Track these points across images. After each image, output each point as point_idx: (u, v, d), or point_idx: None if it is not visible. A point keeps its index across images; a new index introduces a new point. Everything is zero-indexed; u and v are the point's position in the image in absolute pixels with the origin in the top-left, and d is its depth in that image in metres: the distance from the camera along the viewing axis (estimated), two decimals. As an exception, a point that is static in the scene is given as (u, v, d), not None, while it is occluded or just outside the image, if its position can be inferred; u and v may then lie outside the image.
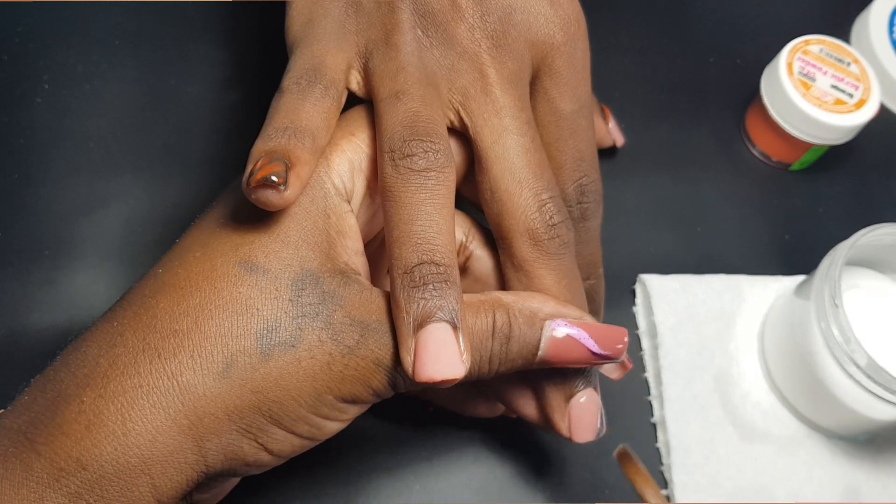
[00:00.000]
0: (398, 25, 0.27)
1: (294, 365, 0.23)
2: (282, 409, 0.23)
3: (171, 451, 0.22)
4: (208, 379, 0.22)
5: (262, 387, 0.23)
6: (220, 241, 0.25)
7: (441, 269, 0.24)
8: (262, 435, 0.23)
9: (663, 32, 0.46)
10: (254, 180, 0.23)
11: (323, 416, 0.24)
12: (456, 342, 0.23)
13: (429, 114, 0.25)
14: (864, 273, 0.37)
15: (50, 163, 0.38)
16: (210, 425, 0.22)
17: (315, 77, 0.26)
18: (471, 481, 0.34)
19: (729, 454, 0.35)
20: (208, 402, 0.22)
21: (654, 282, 0.38)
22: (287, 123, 0.25)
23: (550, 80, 0.28)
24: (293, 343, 0.23)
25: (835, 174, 0.43)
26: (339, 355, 0.23)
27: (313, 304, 0.24)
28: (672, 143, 0.43)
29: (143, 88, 0.40)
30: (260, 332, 0.23)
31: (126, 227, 0.37)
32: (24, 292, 0.35)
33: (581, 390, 0.27)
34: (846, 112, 0.39)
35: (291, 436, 0.24)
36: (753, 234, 0.41)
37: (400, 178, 0.24)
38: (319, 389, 0.23)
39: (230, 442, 0.23)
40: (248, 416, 0.23)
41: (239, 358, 0.23)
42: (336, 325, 0.23)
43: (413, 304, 0.23)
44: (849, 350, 0.31)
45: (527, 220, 0.26)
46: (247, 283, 0.23)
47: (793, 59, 0.41)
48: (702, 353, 0.37)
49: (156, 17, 0.42)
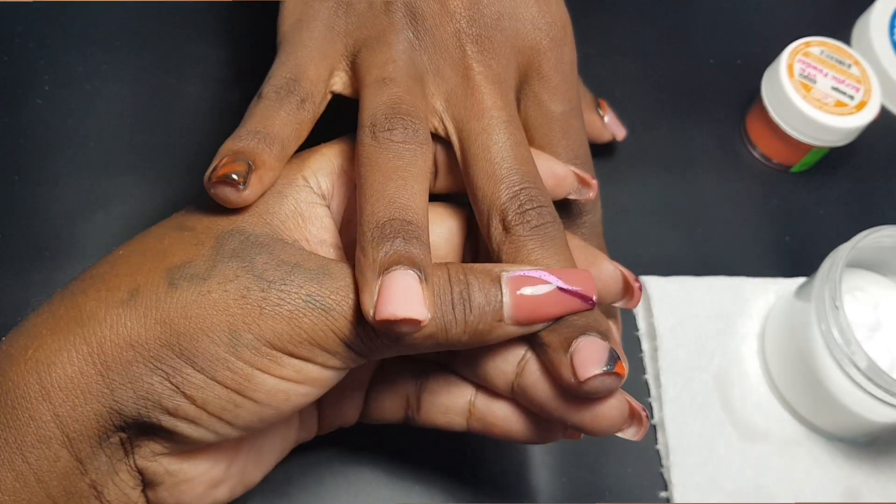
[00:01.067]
0: (391, 26, 0.27)
1: (203, 296, 0.22)
2: (192, 343, 0.22)
3: (71, 377, 0.22)
4: (111, 308, 0.22)
5: (167, 318, 0.22)
6: (170, 218, 0.26)
7: (412, 227, 0.23)
8: (176, 374, 0.22)
9: (664, 34, 0.46)
10: (215, 176, 0.24)
11: (246, 360, 0.22)
12: (420, 288, 0.22)
13: (411, 102, 0.26)
14: (865, 275, 0.37)
15: (50, 163, 0.38)
16: (112, 353, 0.22)
17: (294, 88, 0.27)
18: (470, 481, 0.34)
19: (729, 455, 0.35)
20: (108, 329, 0.22)
21: (653, 283, 0.38)
22: (259, 128, 0.26)
23: (539, 83, 0.29)
24: (204, 276, 0.23)
25: (835, 176, 0.43)
26: (258, 289, 0.22)
27: (235, 249, 0.23)
28: (672, 145, 0.43)
29: (143, 88, 0.40)
30: (171, 268, 0.23)
31: (126, 227, 0.37)
32: (24, 293, 0.35)
33: (587, 332, 0.24)
34: (847, 114, 0.39)
35: (212, 382, 0.22)
36: (754, 236, 0.41)
37: (379, 146, 0.24)
38: (234, 324, 0.22)
39: (138, 375, 0.22)
40: (155, 349, 0.22)
41: (144, 289, 0.23)
42: (257, 264, 0.23)
43: (380, 251, 0.22)
44: (849, 352, 0.31)
45: (499, 209, 0.25)
46: (171, 237, 0.24)
47: (793, 60, 0.41)
48: (701, 354, 0.37)
49: (156, 17, 0.42)
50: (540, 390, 0.25)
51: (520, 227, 0.25)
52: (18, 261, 0.36)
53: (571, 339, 0.24)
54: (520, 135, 0.27)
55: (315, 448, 0.33)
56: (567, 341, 0.24)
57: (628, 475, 0.35)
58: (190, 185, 0.38)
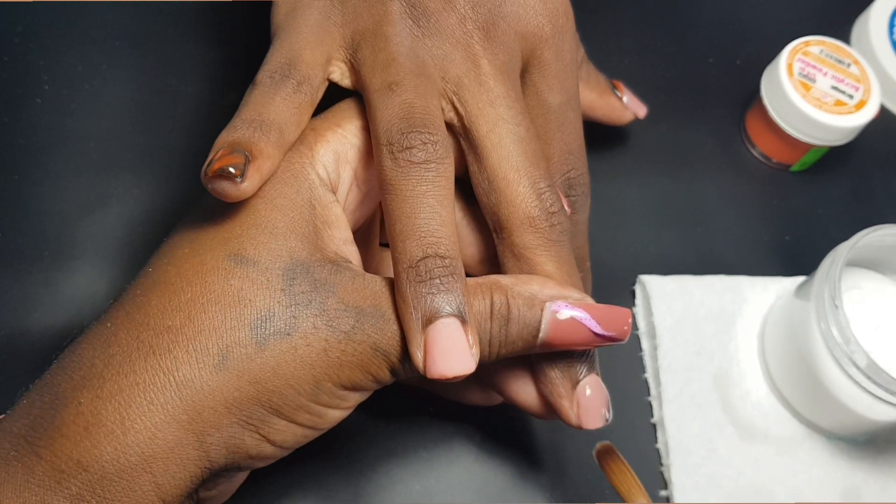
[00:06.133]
0: (388, 16, 0.27)
1: (290, 353, 0.23)
2: (281, 398, 0.23)
3: (172, 448, 0.22)
4: (205, 372, 0.22)
5: (259, 377, 0.23)
6: (207, 236, 0.24)
7: (446, 262, 0.24)
8: (264, 426, 0.23)
9: (663, 33, 0.46)
10: (210, 170, 0.23)
11: (323, 403, 0.24)
12: (465, 337, 0.23)
13: (424, 104, 0.25)
14: (865, 274, 0.37)
15: (50, 163, 0.38)
16: (210, 419, 0.22)
17: (289, 72, 0.26)
18: (471, 481, 0.34)
19: (728, 454, 0.35)
20: (206, 396, 0.22)
21: (653, 282, 0.38)
22: (255, 116, 0.25)
23: (539, 72, 0.28)
24: (288, 332, 0.23)
25: (835, 175, 0.43)
26: (336, 341, 0.23)
27: (306, 292, 0.23)
28: (672, 144, 0.43)
29: (143, 88, 0.40)
30: (254, 322, 0.23)
31: (126, 227, 0.37)
32: (25, 293, 0.35)
33: (586, 376, 0.26)
34: (846, 113, 0.39)
35: (293, 425, 0.24)
36: (753, 235, 0.41)
37: (400, 171, 0.24)
38: (318, 377, 0.23)
39: (231, 435, 0.23)
40: (247, 407, 0.23)
41: (234, 349, 0.22)
42: (330, 311, 0.23)
43: (420, 299, 0.23)
44: (848, 351, 0.31)
45: (526, 208, 0.26)
46: (237, 276, 0.23)
47: (793, 59, 0.41)
48: (701, 353, 0.37)
49: (155, 17, 0.42)
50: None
51: (549, 231, 0.26)
52: (18, 260, 0.36)
53: (575, 381, 0.26)
54: (530, 125, 0.27)
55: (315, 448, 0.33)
56: (572, 382, 0.26)
57: (628, 474, 0.35)
58: (190, 185, 0.38)
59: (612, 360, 0.37)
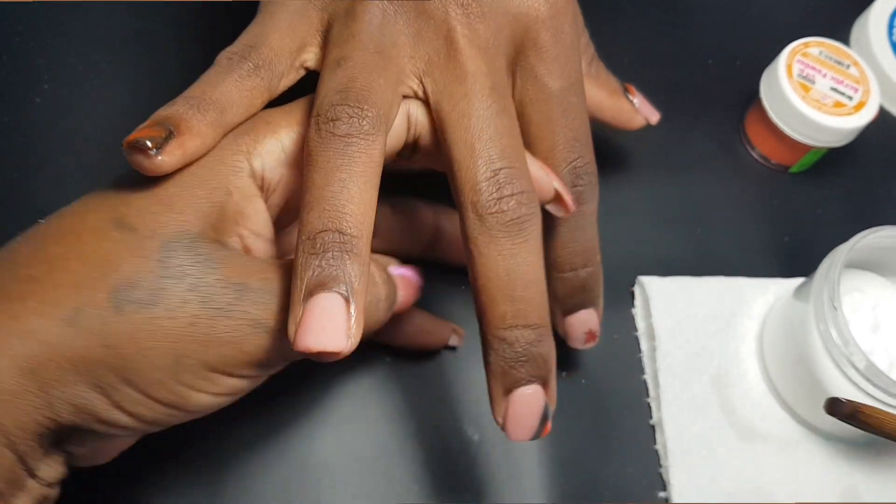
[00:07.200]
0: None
1: (150, 323, 0.22)
2: (134, 367, 0.22)
3: (11, 390, 0.21)
4: (52, 325, 0.22)
5: (111, 342, 0.22)
6: (100, 199, 0.24)
7: (345, 238, 0.22)
8: (115, 392, 0.22)
9: (662, 34, 0.46)
10: (126, 141, 0.23)
11: (185, 383, 0.23)
12: (346, 314, 0.21)
13: (366, 80, 0.24)
14: (864, 276, 0.37)
15: (49, 163, 0.38)
16: (53, 373, 0.22)
17: (249, 54, 0.25)
18: (471, 481, 0.34)
19: (728, 456, 0.35)
20: (50, 349, 0.21)
21: (652, 283, 0.38)
22: (197, 94, 0.24)
23: (536, 55, 0.27)
24: (152, 302, 0.22)
25: (834, 177, 0.43)
26: (206, 317, 0.22)
27: (182, 265, 0.22)
28: (671, 145, 0.43)
29: (143, 88, 0.40)
30: (117, 286, 0.22)
31: (126, 227, 0.37)
32: (24, 292, 0.35)
33: (525, 384, 0.24)
34: (845, 114, 0.40)
35: (149, 400, 0.23)
36: (752, 237, 0.41)
37: (321, 141, 0.23)
38: (179, 352, 0.22)
39: (77, 393, 0.22)
40: (96, 369, 0.22)
41: (88, 309, 0.22)
42: (205, 287, 0.22)
43: (308, 270, 0.22)
44: (847, 353, 0.31)
45: (473, 191, 0.24)
46: (112, 239, 0.23)
47: (792, 61, 0.41)
48: (700, 354, 0.37)
49: (156, 18, 0.42)
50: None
51: (494, 216, 0.24)
52: (18, 261, 0.36)
53: (513, 384, 0.25)
54: (504, 102, 0.25)
55: (313, 448, 0.33)
56: (509, 382, 0.25)
57: (627, 475, 0.35)
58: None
59: (610, 361, 0.37)
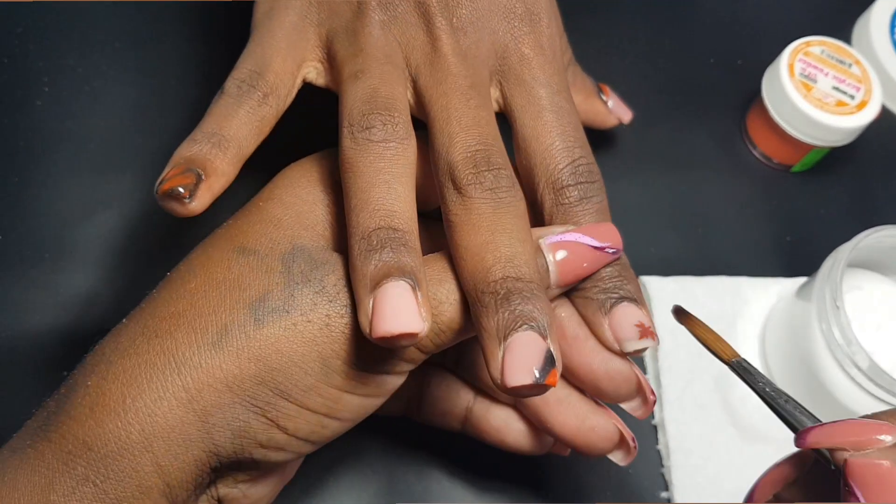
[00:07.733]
0: (361, 10, 0.27)
1: (290, 329, 0.23)
2: (286, 377, 0.23)
3: (173, 426, 0.22)
4: (203, 351, 0.22)
5: (259, 354, 0.22)
6: (218, 236, 0.26)
7: (398, 233, 0.23)
8: (271, 409, 0.23)
9: (664, 33, 0.46)
10: (161, 189, 0.24)
11: (336, 386, 0.23)
12: (414, 298, 0.22)
13: (388, 90, 0.25)
14: (866, 275, 0.37)
15: (50, 165, 0.38)
16: (211, 398, 0.22)
17: (257, 82, 0.27)
18: (471, 482, 0.34)
19: (729, 456, 0.35)
20: (205, 374, 0.22)
21: (654, 283, 0.38)
22: (215, 129, 0.26)
23: (521, 65, 0.28)
24: (286, 309, 0.23)
25: (836, 176, 0.43)
26: (338, 315, 0.23)
27: (304, 272, 0.24)
28: (673, 145, 0.43)
29: (143, 90, 0.40)
30: (252, 303, 0.23)
31: (127, 228, 0.37)
32: (25, 295, 0.35)
33: (523, 329, 0.22)
34: (847, 114, 0.39)
35: (304, 411, 0.23)
36: (754, 236, 0.41)
37: (359, 149, 0.24)
38: (324, 354, 0.23)
39: (236, 416, 0.22)
40: (249, 386, 0.22)
41: (231, 328, 0.23)
42: (329, 287, 0.23)
43: (369, 265, 0.22)
44: (850, 352, 0.31)
45: (451, 170, 0.25)
46: (238, 264, 0.24)
47: (794, 60, 0.40)
48: (702, 354, 0.37)
49: (155, 18, 0.42)
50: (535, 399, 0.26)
51: (472, 187, 0.24)
52: (19, 262, 0.36)
53: (509, 330, 0.22)
54: (481, 99, 0.26)
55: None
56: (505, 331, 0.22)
57: (629, 475, 0.35)
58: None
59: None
